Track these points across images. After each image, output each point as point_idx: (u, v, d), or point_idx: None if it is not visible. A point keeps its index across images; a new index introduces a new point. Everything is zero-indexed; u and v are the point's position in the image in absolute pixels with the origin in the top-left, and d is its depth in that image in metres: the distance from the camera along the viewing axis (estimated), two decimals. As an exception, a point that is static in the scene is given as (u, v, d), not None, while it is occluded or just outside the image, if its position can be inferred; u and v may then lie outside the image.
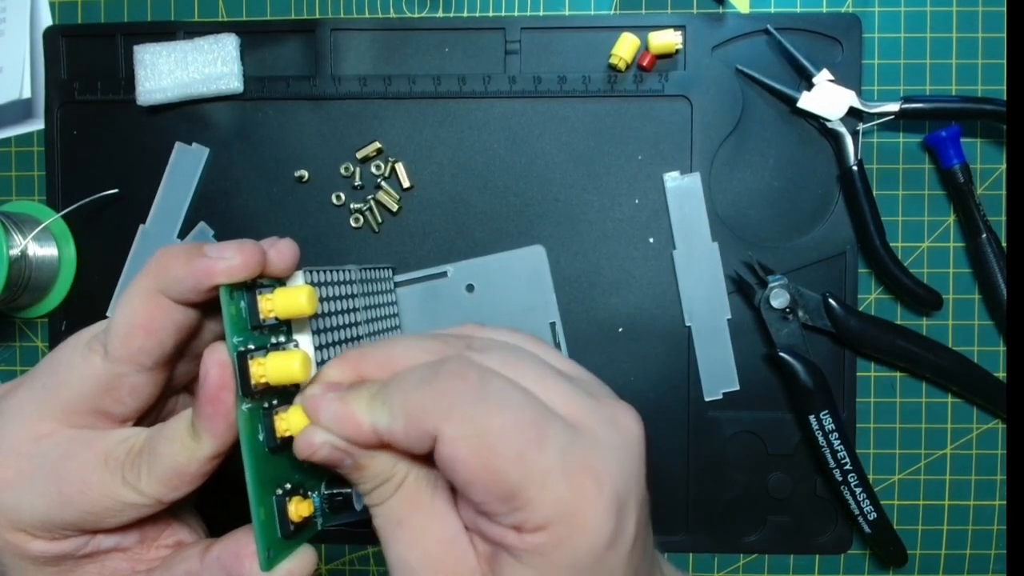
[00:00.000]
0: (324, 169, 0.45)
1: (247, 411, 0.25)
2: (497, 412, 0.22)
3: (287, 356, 0.26)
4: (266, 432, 0.26)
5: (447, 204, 0.45)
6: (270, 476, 0.26)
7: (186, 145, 0.46)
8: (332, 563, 0.47)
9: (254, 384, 0.25)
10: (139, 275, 0.27)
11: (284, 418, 0.26)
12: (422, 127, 0.45)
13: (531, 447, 0.22)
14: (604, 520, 0.23)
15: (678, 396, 0.45)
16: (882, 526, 0.43)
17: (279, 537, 0.26)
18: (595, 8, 0.45)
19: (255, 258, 0.26)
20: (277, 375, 0.25)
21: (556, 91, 0.44)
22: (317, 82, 0.45)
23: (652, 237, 0.45)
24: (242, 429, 0.25)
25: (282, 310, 0.26)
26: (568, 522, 0.22)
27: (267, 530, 0.26)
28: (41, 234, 0.45)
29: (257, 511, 0.25)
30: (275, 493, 0.26)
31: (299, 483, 0.28)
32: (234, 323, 0.25)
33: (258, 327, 0.27)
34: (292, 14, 0.46)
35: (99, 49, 0.46)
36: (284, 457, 0.27)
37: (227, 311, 0.25)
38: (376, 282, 0.38)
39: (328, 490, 0.29)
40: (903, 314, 0.45)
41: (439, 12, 0.46)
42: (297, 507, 0.27)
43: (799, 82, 0.44)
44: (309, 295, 0.26)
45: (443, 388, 0.23)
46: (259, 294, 0.26)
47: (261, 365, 0.26)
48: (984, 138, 0.45)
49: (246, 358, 0.25)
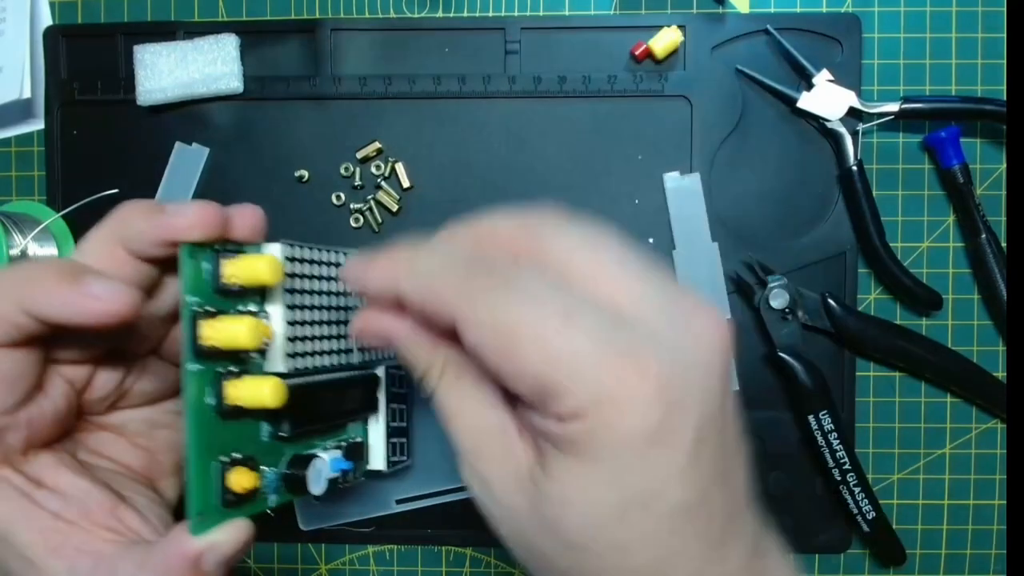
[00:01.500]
0: (324, 169, 0.45)
1: (195, 372, 0.25)
2: (518, 299, 0.22)
3: (236, 320, 0.26)
4: (216, 398, 0.26)
5: (447, 204, 0.45)
6: (214, 442, 0.26)
7: (186, 145, 0.46)
8: (332, 563, 0.47)
9: (203, 345, 0.25)
10: (98, 226, 0.27)
11: (235, 385, 0.26)
12: (422, 127, 0.45)
13: (557, 331, 0.21)
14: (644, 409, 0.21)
15: (678, 396, 0.45)
16: (881, 526, 0.43)
17: (215, 504, 0.26)
18: (595, 8, 0.45)
19: (214, 219, 0.26)
20: (226, 339, 0.25)
21: (556, 91, 0.44)
22: (317, 82, 0.45)
23: (652, 237, 0.45)
24: (186, 388, 0.25)
25: (243, 276, 0.26)
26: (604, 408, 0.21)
27: (202, 494, 0.25)
28: (41, 234, 0.45)
29: (193, 473, 0.25)
30: (218, 459, 0.26)
31: (250, 455, 0.27)
32: (190, 282, 0.26)
33: (221, 291, 0.26)
34: (292, 14, 0.46)
35: (99, 49, 0.46)
36: (236, 426, 0.27)
37: (184, 269, 0.25)
38: None
39: (287, 470, 0.29)
40: (903, 314, 0.45)
41: (439, 12, 0.46)
42: (239, 477, 0.26)
43: (799, 82, 0.44)
44: (270, 263, 0.26)
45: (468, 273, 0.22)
46: (222, 257, 0.27)
47: (212, 327, 0.26)
48: (984, 138, 0.45)
49: (196, 319, 0.25)
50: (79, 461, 0.29)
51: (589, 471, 0.22)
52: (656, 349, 0.21)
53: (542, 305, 0.21)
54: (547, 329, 0.21)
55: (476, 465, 0.24)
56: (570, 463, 0.22)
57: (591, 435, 0.21)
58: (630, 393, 0.21)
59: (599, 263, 0.23)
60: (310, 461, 0.30)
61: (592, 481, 0.22)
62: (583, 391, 0.21)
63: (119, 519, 0.28)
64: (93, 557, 0.26)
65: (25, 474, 0.27)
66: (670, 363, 0.21)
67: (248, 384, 0.26)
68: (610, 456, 0.21)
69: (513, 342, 0.21)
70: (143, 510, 0.29)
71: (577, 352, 0.21)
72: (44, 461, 0.27)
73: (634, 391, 0.21)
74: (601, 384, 0.21)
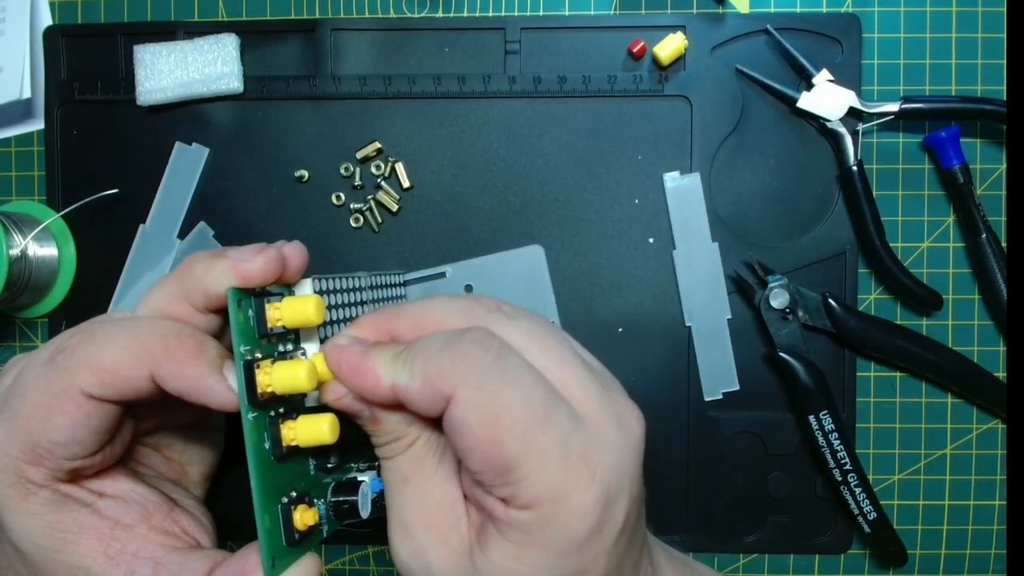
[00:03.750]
0: (324, 169, 0.45)
1: (253, 419, 0.25)
2: (510, 385, 0.23)
3: (293, 366, 0.25)
4: (272, 441, 0.26)
5: (447, 204, 0.45)
6: (276, 484, 0.26)
7: (186, 145, 0.46)
8: (332, 563, 0.47)
9: (260, 393, 0.25)
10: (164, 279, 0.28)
11: (291, 427, 0.26)
12: (422, 127, 0.45)
13: (535, 426, 0.23)
14: (591, 510, 0.23)
15: (678, 396, 0.45)
16: (882, 526, 0.43)
17: (284, 545, 0.26)
18: (595, 8, 0.45)
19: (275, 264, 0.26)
20: (283, 384, 0.25)
21: (556, 91, 0.44)
22: (317, 82, 0.45)
23: (652, 237, 0.45)
24: (248, 437, 0.25)
25: (290, 319, 0.26)
26: (556, 505, 0.23)
27: (272, 538, 0.26)
28: (41, 234, 0.45)
29: (262, 519, 0.25)
30: (280, 501, 0.26)
31: (304, 491, 0.28)
32: (242, 331, 0.25)
33: (265, 336, 0.26)
34: (292, 14, 0.46)
35: (99, 49, 0.46)
36: (290, 465, 0.27)
37: (235, 319, 0.25)
38: (386, 288, 0.38)
39: (335, 497, 0.29)
40: (903, 314, 0.45)
41: (439, 12, 0.46)
42: (303, 515, 0.27)
43: (799, 82, 0.44)
44: (317, 304, 0.26)
45: (464, 353, 0.23)
46: (267, 302, 0.26)
47: (267, 374, 0.25)
48: (984, 138, 0.45)
49: (253, 367, 0.25)
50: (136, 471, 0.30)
51: (527, 555, 0.24)
52: (603, 451, 0.24)
53: (529, 395, 0.23)
54: (530, 421, 0.23)
55: (418, 535, 0.25)
56: (509, 547, 0.24)
57: (538, 525, 0.23)
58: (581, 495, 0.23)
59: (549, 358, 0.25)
60: (356, 487, 0.30)
61: (528, 564, 0.24)
62: (543, 485, 0.23)
63: (175, 521, 0.29)
64: (151, 563, 0.27)
65: (88, 488, 0.28)
66: (613, 461, 0.24)
67: (305, 424, 0.26)
68: (551, 545, 0.24)
69: (497, 427, 0.23)
70: (194, 511, 0.30)
71: (547, 451, 0.23)
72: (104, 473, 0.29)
73: (584, 493, 0.23)
74: (558, 484, 0.23)
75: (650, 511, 0.27)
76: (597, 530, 0.24)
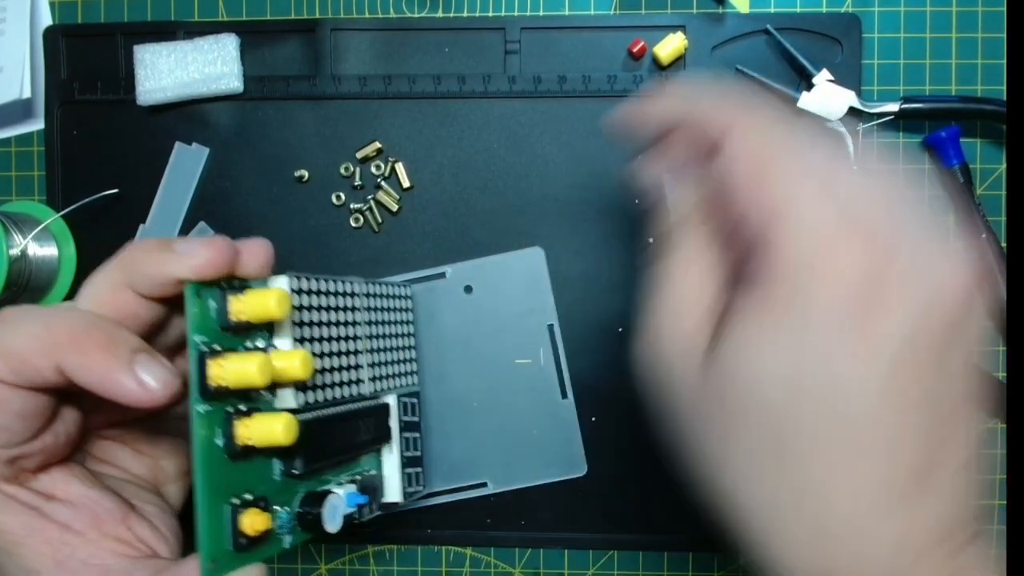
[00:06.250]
0: (324, 169, 0.45)
1: (203, 413, 0.25)
2: (791, 135, 0.22)
3: (245, 358, 0.25)
4: (226, 438, 0.25)
5: (447, 204, 0.45)
6: (226, 483, 0.25)
7: (186, 145, 0.46)
8: (332, 563, 0.47)
9: (213, 386, 0.25)
10: (105, 267, 0.27)
11: (247, 424, 0.25)
12: (422, 127, 0.45)
13: (809, 181, 0.21)
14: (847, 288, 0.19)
15: (678, 396, 0.45)
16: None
17: (229, 549, 0.25)
18: (595, 8, 0.45)
19: (223, 257, 0.26)
20: (235, 377, 0.25)
21: (556, 91, 0.44)
22: (317, 82, 0.45)
23: (652, 237, 0.45)
24: (195, 431, 0.24)
25: (252, 312, 0.26)
26: (807, 274, 0.20)
27: (214, 539, 0.25)
28: (41, 234, 0.45)
29: (203, 517, 0.24)
30: (230, 502, 0.25)
31: (262, 495, 0.27)
32: (196, 321, 0.25)
33: (229, 328, 0.26)
34: (292, 14, 0.46)
35: (99, 49, 0.46)
36: (246, 466, 0.26)
37: (190, 309, 0.25)
38: (388, 298, 0.37)
39: (301, 507, 0.28)
40: (903, 314, 0.45)
41: (439, 12, 0.46)
42: (253, 519, 0.25)
43: (799, 82, 0.44)
44: (279, 298, 0.26)
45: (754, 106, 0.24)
46: (230, 294, 0.26)
47: (220, 367, 0.25)
48: (984, 138, 0.45)
49: (204, 358, 0.25)
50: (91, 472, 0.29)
51: (776, 329, 0.20)
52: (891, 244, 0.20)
53: (811, 162, 0.21)
54: (806, 174, 0.21)
55: (666, 323, 0.24)
56: (755, 323, 0.21)
57: (790, 294, 0.20)
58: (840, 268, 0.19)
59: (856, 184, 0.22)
60: (324, 498, 0.29)
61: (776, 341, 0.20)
62: (803, 247, 0.20)
63: (129, 528, 0.27)
64: (99, 571, 0.26)
65: (34, 490, 0.27)
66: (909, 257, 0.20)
67: (259, 422, 0.26)
68: (793, 329, 0.20)
69: (769, 162, 0.21)
70: (153, 519, 0.29)
71: (819, 216, 0.20)
72: (55, 475, 0.27)
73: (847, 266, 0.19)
74: (816, 249, 0.20)
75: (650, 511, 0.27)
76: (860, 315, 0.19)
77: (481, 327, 0.45)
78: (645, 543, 0.45)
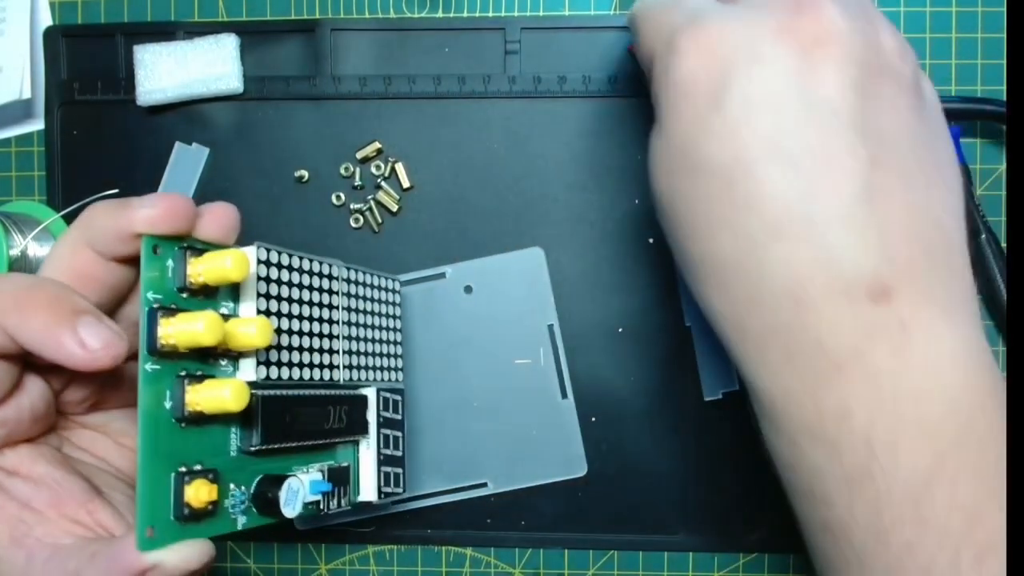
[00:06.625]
0: (324, 169, 0.45)
1: (150, 372, 0.24)
2: None
3: (193, 316, 0.24)
4: (174, 401, 0.25)
5: (447, 204, 0.45)
6: (172, 450, 0.25)
7: (186, 145, 0.46)
8: (332, 563, 0.47)
9: (161, 345, 0.24)
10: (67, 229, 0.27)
11: (197, 390, 0.25)
12: (422, 127, 0.45)
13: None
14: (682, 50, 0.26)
15: (678, 396, 0.45)
16: (882, 526, 0.43)
17: (170, 519, 0.24)
18: (595, 8, 0.46)
19: (180, 211, 0.25)
20: (184, 336, 0.24)
21: (556, 91, 0.44)
22: (317, 82, 0.45)
23: (652, 237, 0.45)
24: (141, 389, 0.24)
25: (209, 274, 0.25)
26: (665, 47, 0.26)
27: (153, 506, 0.24)
28: (41, 234, 0.45)
29: (143, 480, 0.23)
30: (176, 469, 0.25)
31: (212, 468, 0.26)
32: (153, 280, 0.25)
33: (186, 289, 0.26)
34: (292, 14, 0.46)
35: (99, 49, 0.46)
36: (196, 434, 0.26)
37: (145, 263, 0.25)
38: (371, 288, 0.36)
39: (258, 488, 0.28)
40: (903, 314, 0.45)
41: (439, 12, 0.46)
42: (198, 490, 0.25)
43: (799, 82, 0.44)
44: (236, 259, 0.25)
45: None
46: (191, 256, 0.26)
47: (170, 324, 0.24)
48: (984, 138, 0.45)
49: (156, 315, 0.24)
50: (62, 455, 0.29)
51: None
52: None
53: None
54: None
55: None
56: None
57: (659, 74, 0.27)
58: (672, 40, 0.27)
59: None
60: (284, 480, 0.28)
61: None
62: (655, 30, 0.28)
63: (90, 512, 0.27)
64: (51, 549, 0.25)
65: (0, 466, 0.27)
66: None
67: (209, 388, 0.25)
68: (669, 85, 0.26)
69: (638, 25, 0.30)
70: (120, 507, 0.28)
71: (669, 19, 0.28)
72: (22, 453, 0.27)
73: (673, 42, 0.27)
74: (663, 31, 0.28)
75: (650, 511, 0.27)
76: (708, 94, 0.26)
77: (481, 327, 0.45)
78: (645, 543, 0.45)
